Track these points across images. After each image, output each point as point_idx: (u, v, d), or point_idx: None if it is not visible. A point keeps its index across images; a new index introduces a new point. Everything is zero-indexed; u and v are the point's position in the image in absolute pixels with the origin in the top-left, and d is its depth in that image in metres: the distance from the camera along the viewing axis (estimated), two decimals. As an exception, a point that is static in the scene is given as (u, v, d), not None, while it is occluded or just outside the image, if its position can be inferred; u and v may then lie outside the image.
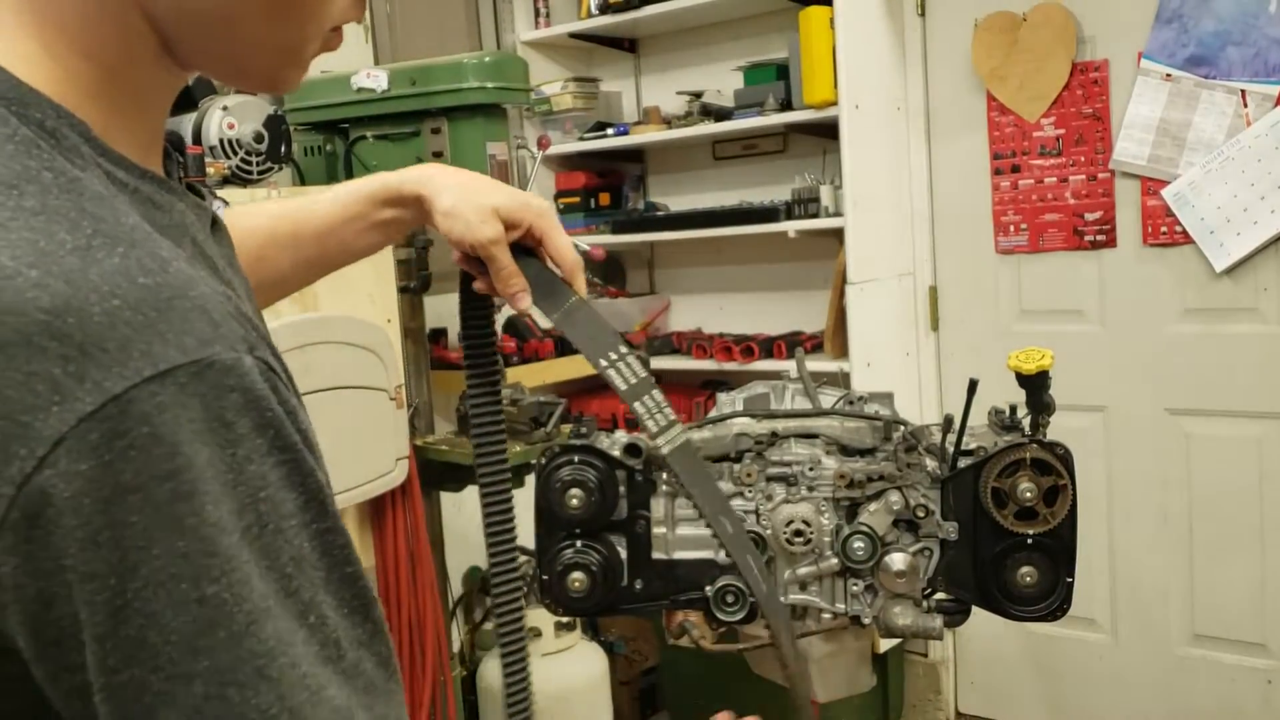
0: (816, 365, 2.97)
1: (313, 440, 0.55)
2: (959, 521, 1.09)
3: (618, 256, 3.74)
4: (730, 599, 1.11)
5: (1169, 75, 2.72)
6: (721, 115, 3.24)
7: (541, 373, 3.02)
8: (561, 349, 3.19)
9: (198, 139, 2.15)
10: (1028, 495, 1.06)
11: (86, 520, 0.45)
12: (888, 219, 3.04)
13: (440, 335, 3.12)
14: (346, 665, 0.51)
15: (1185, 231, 2.73)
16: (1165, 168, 2.74)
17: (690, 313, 3.64)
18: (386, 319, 2.42)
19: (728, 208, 3.32)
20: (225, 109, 2.16)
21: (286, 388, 0.53)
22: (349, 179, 2.54)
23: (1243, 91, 2.64)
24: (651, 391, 0.96)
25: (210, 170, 2.10)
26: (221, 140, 2.15)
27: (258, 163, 2.19)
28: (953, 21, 3.01)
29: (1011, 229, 3.00)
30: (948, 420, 1.11)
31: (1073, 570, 1.08)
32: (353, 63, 2.70)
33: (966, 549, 1.09)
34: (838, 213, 2.98)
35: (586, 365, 3.16)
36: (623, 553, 1.13)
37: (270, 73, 0.62)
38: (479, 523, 1.11)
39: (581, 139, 3.51)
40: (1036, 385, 1.08)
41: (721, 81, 3.35)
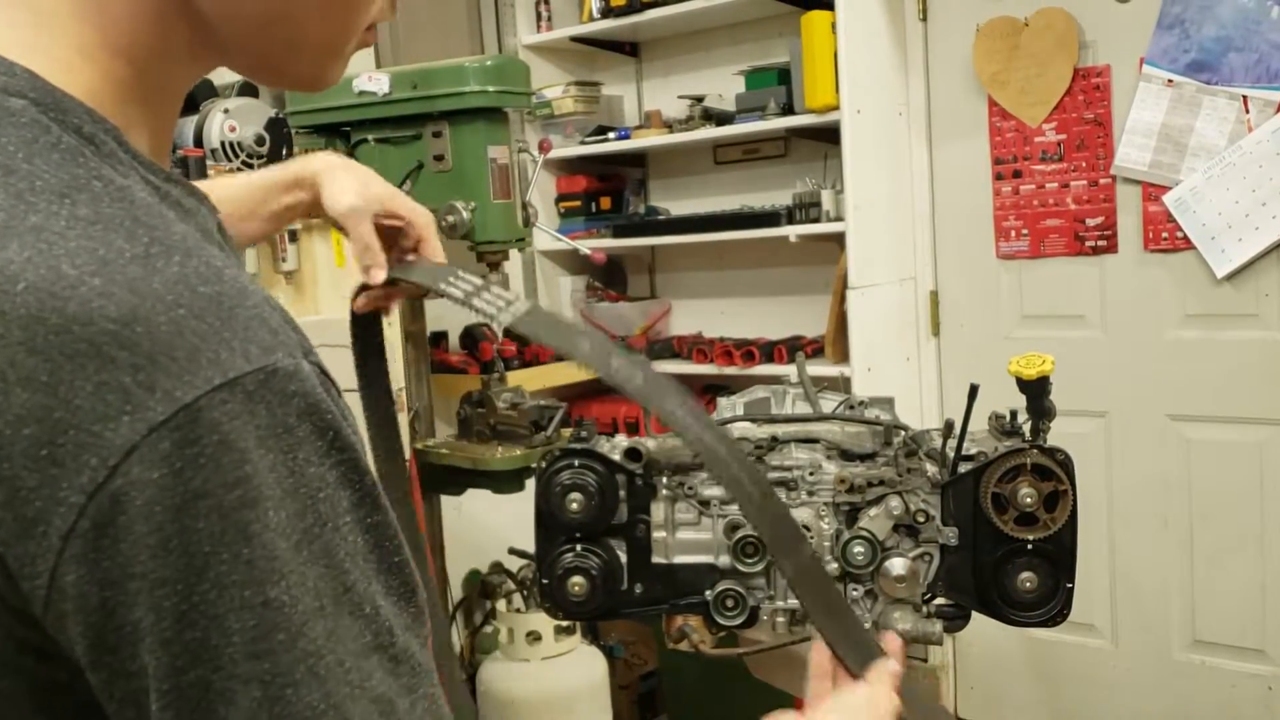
0: (817, 370, 2.96)
1: (361, 436, 0.56)
2: (959, 527, 1.09)
3: (618, 260, 3.74)
4: (730, 603, 1.11)
5: (1171, 81, 2.72)
6: (723, 119, 3.24)
7: (542, 377, 3.02)
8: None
9: (199, 141, 2.15)
10: (1028, 501, 1.06)
11: (158, 527, 0.46)
12: (889, 224, 3.05)
13: (441, 339, 3.13)
14: (398, 651, 0.52)
15: (1187, 237, 2.73)
16: (1167, 173, 2.74)
17: (691, 317, 3.64)
18: (387, 322, 2.42)
19: (729, 212, 3.32)
20: (226, 112, 2.16)
21: (338, 390, 0.54)
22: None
23: (1244, 97, 2.64)
24: (490, 288, 1.00)
25: (211, 172, 2.10)
26: (223, 143, 2.15)
27: (259, 165, 2.20)
28: (954, 26, 3.01)
29: (1013, 234, 3.00)
30: (948, 425, 1.11)
31: (1073, 576, 1.08)
32: (354, 66, 2.69)
33: (967, 554, 1.09)
34: (839, 217, 2.98)
35: (585, 370, 3.13)
36: (623, 557, 1.13)
37: (310, 71, 0.63)
38: (479, 525, 1.11)
39: (583, 143, 3.51)
40: (1037, 390, 1.08)
41: (723, 85, 3.35)
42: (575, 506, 1.11)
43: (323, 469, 0.50)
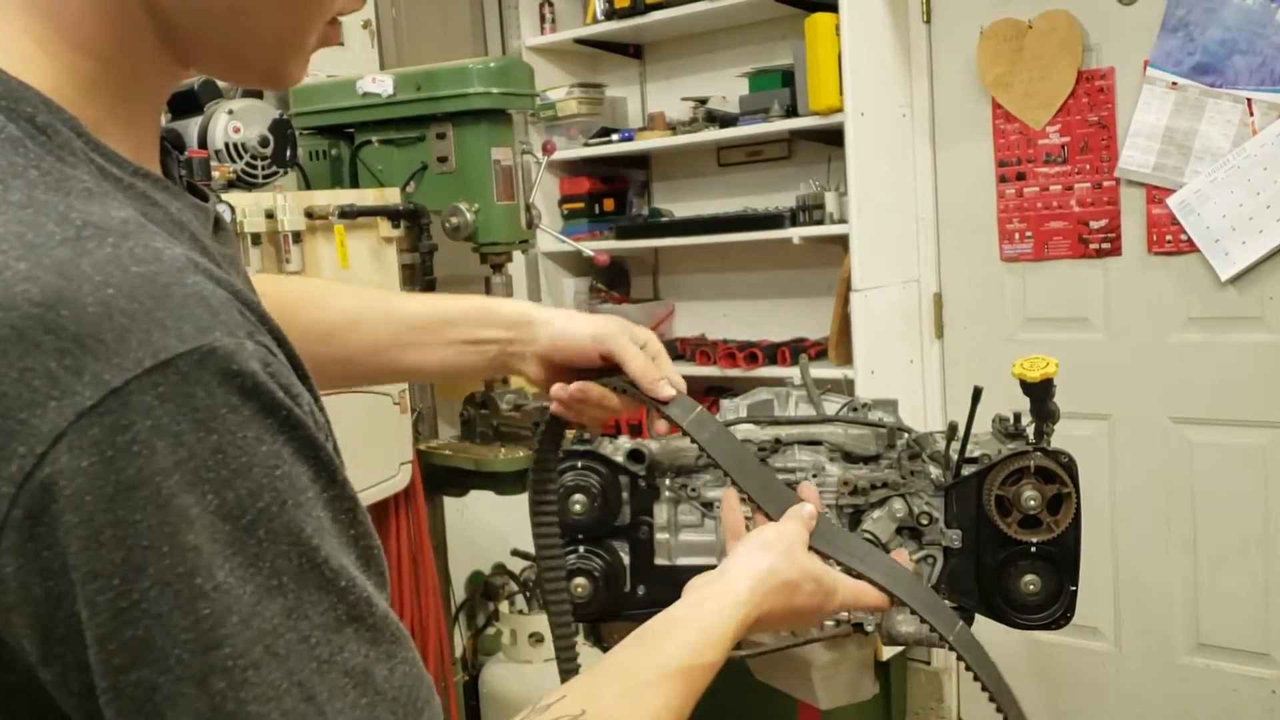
0: (820, 372, 2.96)
1: (322, 422, 0.55)
2: (962, 529, 1.09)
3: (622, 262, 3.74)
4: (733, 605, 1.10)
5: (1175, 84, 2.71)
6: (726, 121, 3.24)
7: (545, 378, 3.02)
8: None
9: (203, 143, 2.15)
10: (1031, 503, 1.06)
11: (89, 518, 0.44)
12: (892, 226, 3.04)
13: (444, 340, 3.12)
14: (376, 619, 0.51)
15: (1190, 240, 2.72)
16: (1171, 176, 2.74)
17: (694, 319, 3.64)
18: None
19: (732, 214, 3.32)
20: (231, 113, 2.16)
21: (290, 371, 0.52)
22: (354, 184, 2.55)
23: (1249, 100, 2.64)
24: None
25: (216, 174, 2.10)
26: (227, 144, 2.15)
27: (263, 167, 2.20)
28: (958, 29, 3.01)
29: (1016, 236, 3.00)
30: (952, 428, 1.11)
31: (1076, 579, 1.08)
32: (358, 67, 2.70)
33: (970, 557, 1.09)
34: (842, 219, 2.98)
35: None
36: (626, 558, 1.13)
37: (272, 65, 0.61)
38: (481, 527, 1.11)
39: (586, 144, 3.51)
40: (1041, 393, 1.08)
41: (727, 88, 3.35)
42: (578, 508, 1.11)
43: (275, 445, 0.48)
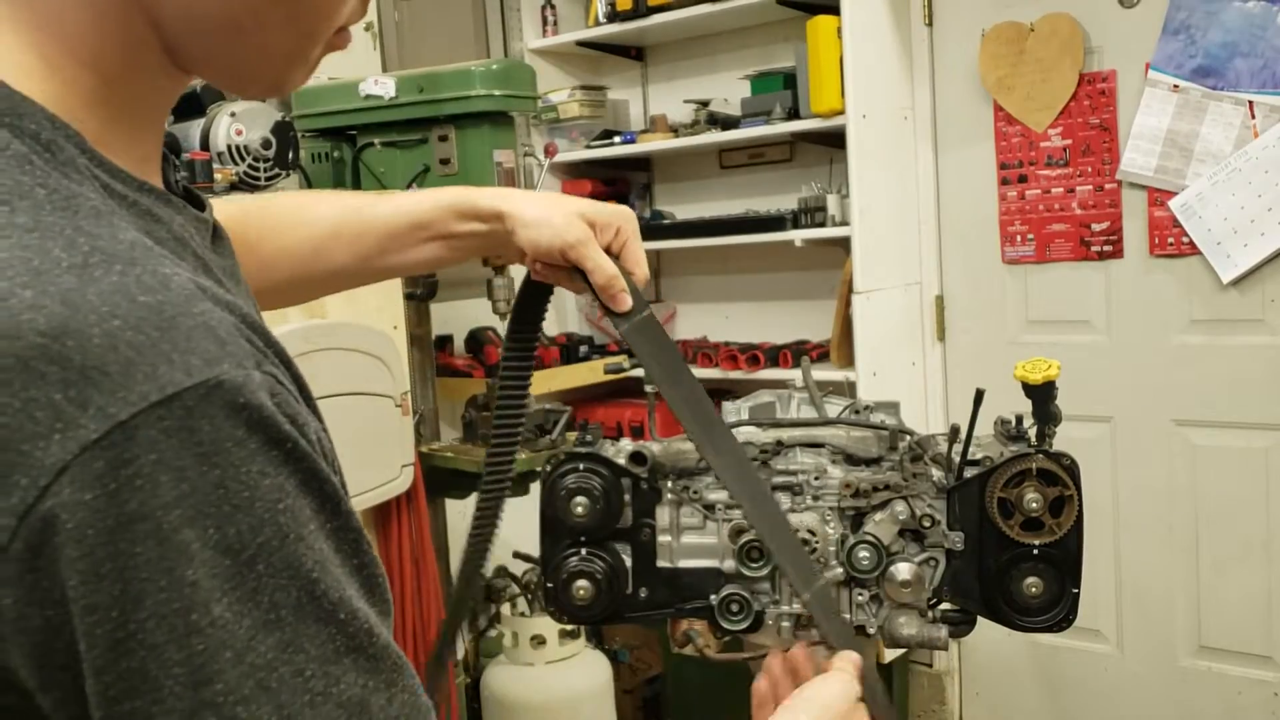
0: (822, 374, 2.96)
1: (328, 449, 0.54)
2: (965, 532, 1.09)
3: (624, 264, 3.74)
4: (735, 608, 1.11)
5: (1176, 86, 2.71)
6: (728, 124, 3.24)
7: (547, 380, 3.02)
8: (566, 357, 3.19)
9: (205, 145, 2.15)
10: (1034, 506, 1.06)
11: (89, 552, 0.44)
12: (894, 228, 3.04)
13: (446, 342, 3.13)
14: (377, 649, 0.51)
15: (1192, 242, 2.72)
16: (1172, 179, 2.74)
17: (696, 321, 3.64)
18: (393, 325, 2.43)
19: (734, 216, 3.32)
20: (233, 115, 2.16)
21: (297, 400, 0.52)
22: (356, 186, 2.55)
23: (1250, 103, 2.64)
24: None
25: (218, 176, 2.11)
26: (229, 146, 2.15)
27: (265, 169, 2.20)
28: (960, 31, 3.01)
29: (1018, 239, 3.00)
30: (954, 430, 1.10)
31: (1078, 581, 1.08)
32: (361, 70, 2.71)
33: (972, 559, 1.09)
34: (844, 222, 2.98)
35: (591, 373, 3.16)
36: (627, 561, 1.13)
37: (276, 77, 0.61)
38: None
39: (588, 147, 3.51)
40: (1043, 395, 1.07)
41: (728, 90, 3.35)
42: (580, 510, 1.11)
43: (279, 479, 0.48)
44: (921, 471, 1.10)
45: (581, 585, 1.11)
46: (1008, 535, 1.07)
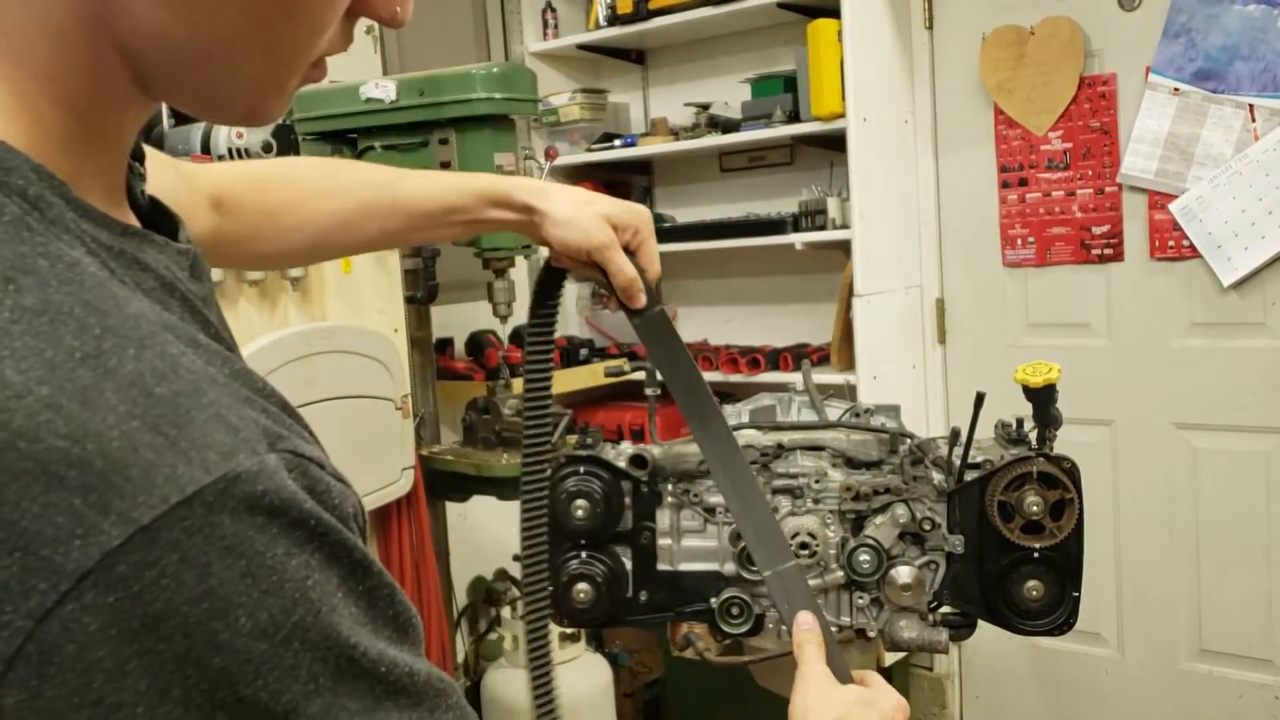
0: (823, 377, 2.96)
1: (352, 504, 0.54)
2: (965, 535, 1.09)
3: (624, 267, 3.74)
4: (735, 611, 1.11)
5: (1177, 89, 2.72)
6: (729, 127, 3.24)
7: (547, 383, 3.02)
8: (566, 360, 3.19)
9: (206, 148, 2.16)
10: (1034, 509, 1.06)
11: (114, 651, 0.44)
12: (895, 231, 3.05)
13: (446, 345, 3.13)
14: (419, 686, 0.52)
15: (1193, 245, 2.72)
16: (1173, 182, 2.74)
17: (696, 324, 3.64)
18: (393, 329, 2.43)
19: (734, 219, 3.32)
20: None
21: (317, 466, 0.52)
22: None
23: (1251, 106, 2.64)
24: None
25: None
26: (230, 149, 2.15)
27: (266, 172, 2.20)
28: (960, 35, 3.02)
29: (1019, 242, 3.00)
30: (954, 433, 1.10)
31: (1079, 584, 1.08)
32: (361, 73, 2.71)
33: (973, 562, 1.09)
34: (845, 225, 2.98)
35: (591, 376, 3.16)
36: (628, 564, 1.13)
37: (250, 107, 0.59)
38: (483, 532, 1.11)
39: (589, 150, 3.52)
40: (1043, 399, 1.08)
41: (729, 93, 3.36)
42: (580, 513, 1.11)
43: (305, 555, 0.48)
44: (922, 475, 1.10)
45: (582, 588, 1.11)
46: (1008, 538, 1.07)
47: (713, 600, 1.11)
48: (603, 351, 3.38)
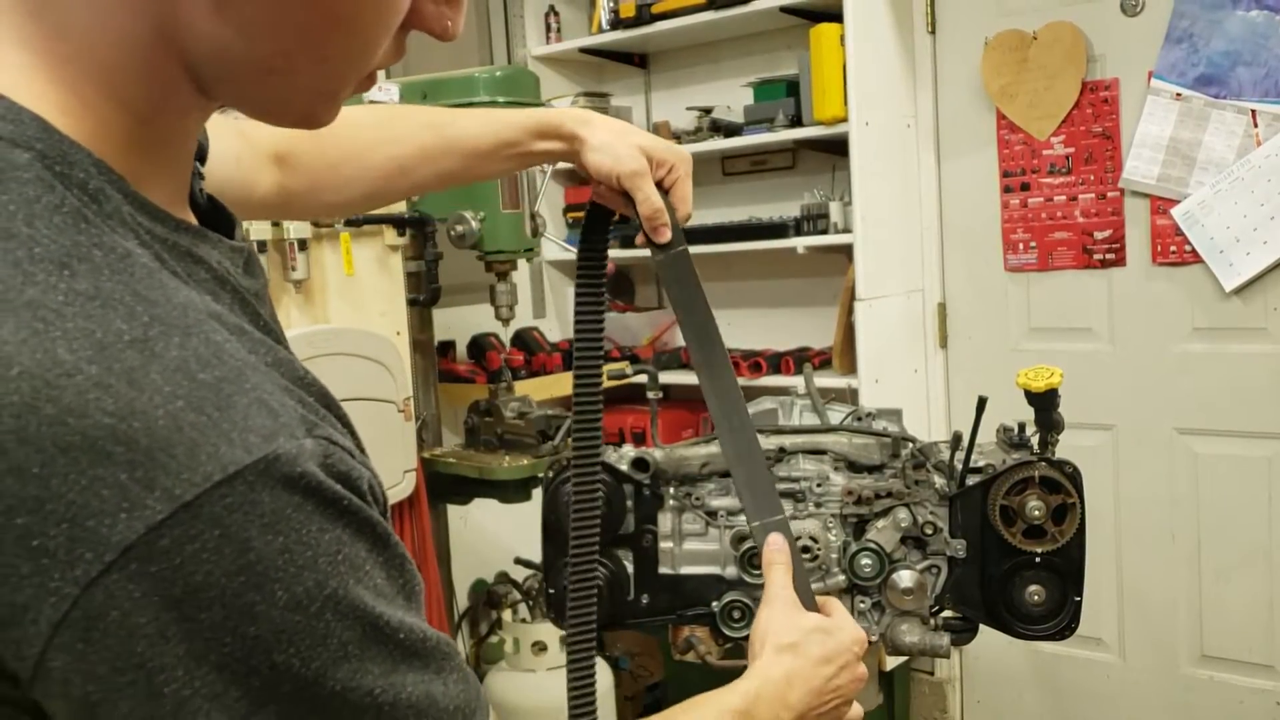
0: (824, 381, 2.96)
1: (377, 488, 0.57)
2: (967, 539, 1.09)
3: (626, 271, 3.75)
4: (737, 614, 1.11)
5: (1179, 94, 2.72)
6: (731, 131, 3.24)
7: (549, 387, 3.02)
8: (569, 363, 3.18)
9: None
10: (1036, 513, 1.06)
11: (155, 618, 0.46)
12: (897, 235, 3.05)
13: (449, 348, 3.13)
14: (429, 647, 0.55)
15: (1195, 251, 2.72)
16: (1175, 187, 2.74)
17: (698, 327, 3.64)
18: (396, 331, 2.43)
19: (737, 223, 3.32)
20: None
21: (350, 452, 0.55)
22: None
23: (1253, 111, 2.64)
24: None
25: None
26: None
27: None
28: (963, 39, 3.02)
29: (1021, 247, 3.00)
30: (956, 437, 1.11)
31: (1081, 589, 1.08)
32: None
33: (974, 567, 1.09)
34: (847, 229, 2.98)
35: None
36: (629, 567, 1.13)
37: (305, 114, 0.62)
38: (485, 534, 1.11)
39: (591, 153, 3.51)
40: (1045, 403, 1.08)
41: (731, 97, 3.36)
42: (583, 516, 1.10)
43: (336, 531, 0.51)
44: (924, 479, 1.11)
45: (583, 591, 1.11)
46: (1010, 543, 1.07)
47: (714, 603, 1.11)
48: (605, 355, 3.37)
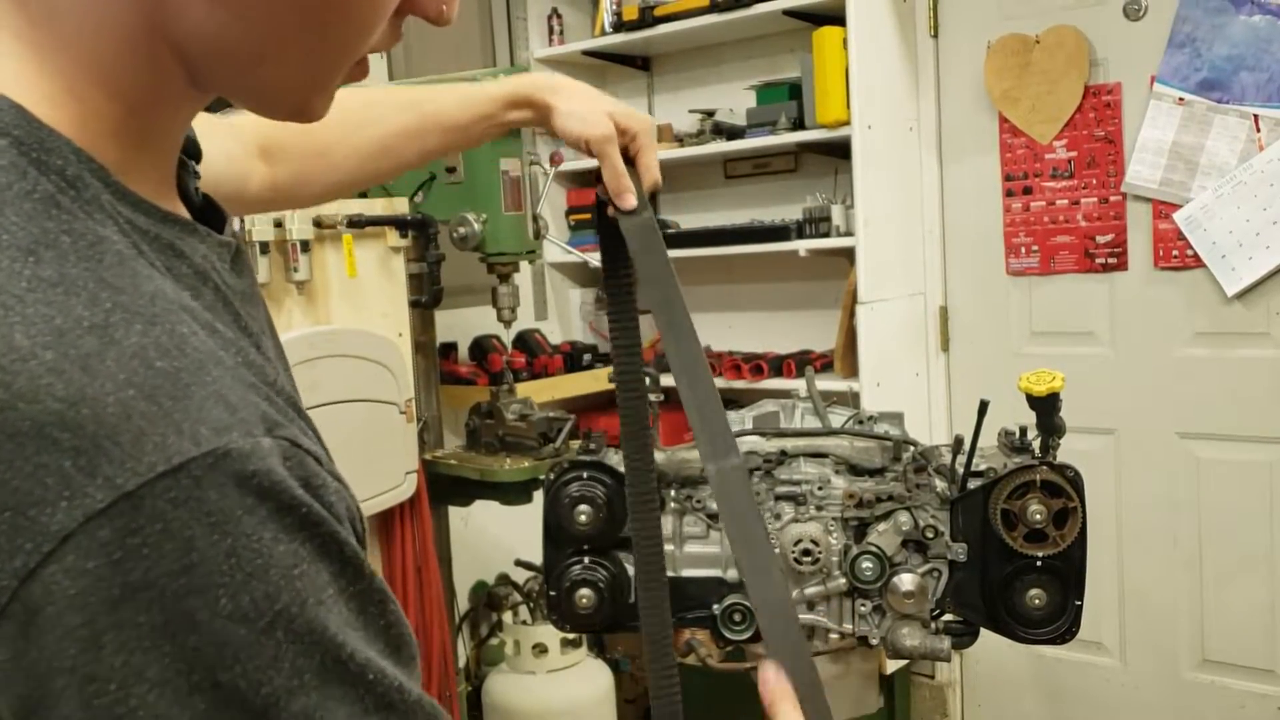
0: (826, 384, 2.96)
1: (350, 506, 0.54)
2: (968, 543, 1.09)
3: (628, 273, 3.74)
4: (738, 617, 1.11)
5: (1182, 99, 2.72)
6: (734, 134, 3.24)
7: (550, 388, 3.02)
8: (570, 365, 3.19)
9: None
10: (1037, 517, 1.06)
11: (90, 620, 0.44)
12: (899, 239, 3.05)
13: (450, 349, 3.13)
14: (408, 705, 0.51)
15: (1197, 255, 2.72)
16: (1177, 191, 2.74)
17: (700, 330, 3.58)
18: (398, 333, 2.43)
19: (739, 226, 3.32)
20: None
21: (315, 461, 0.51)
22: (362, 193, 2.56)
23: (1256, 116, 2.64)
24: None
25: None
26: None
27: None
28: (966, 43, 3.02)
29: (1023, 250, 3.00)
30: (958, 441, 1.10)
31: (1082, 593, 1.08)
32: (367, 78, 2.71)
33: (975, 570, 1.09)
34: (849, 232, 2.98)
35: (594, 382, 3.15)
36: (630, 569, 1.13)
37: (298, 105, 0.61)
38: (486, 536, 1.11)
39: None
40: (1047, 407, 1.07)
41: (734, 100, 3.36)
42: (583, 519, 1.11)
43: (294, 545, 0.48)
44: (925, 482, 1.10)
45: (584, 594, 1.11)
46: (1011, 547, 1.07)
47: (715, 606, 1.11)
48: (606, 357, 3.38)
